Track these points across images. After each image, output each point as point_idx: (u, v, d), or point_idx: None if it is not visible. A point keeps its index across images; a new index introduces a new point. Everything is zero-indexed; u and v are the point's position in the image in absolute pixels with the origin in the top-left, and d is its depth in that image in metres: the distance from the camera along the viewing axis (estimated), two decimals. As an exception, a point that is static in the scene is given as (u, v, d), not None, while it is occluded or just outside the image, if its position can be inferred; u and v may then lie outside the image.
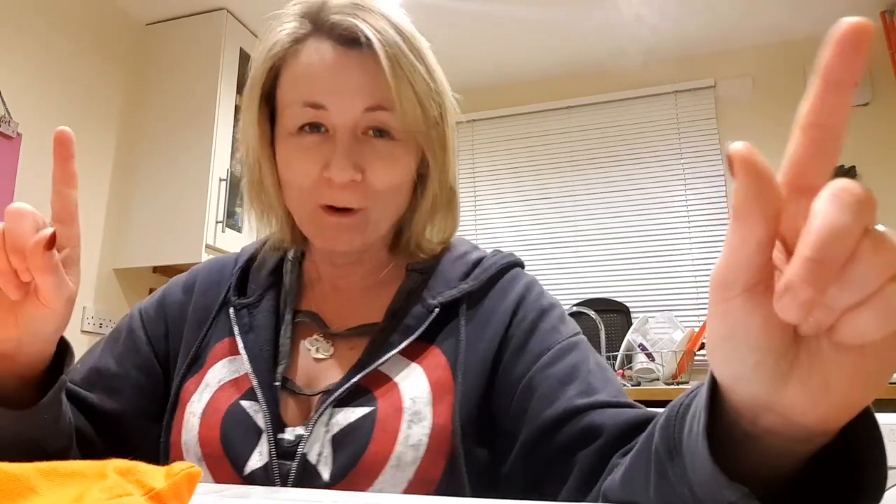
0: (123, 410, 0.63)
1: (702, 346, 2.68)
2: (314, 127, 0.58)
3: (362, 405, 0.56)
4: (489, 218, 3.30)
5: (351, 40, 0.57)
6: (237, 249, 0.74)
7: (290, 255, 0.70)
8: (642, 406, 0.54)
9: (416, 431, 0.54)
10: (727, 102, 3.04)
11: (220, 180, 2.63)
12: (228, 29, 2.76)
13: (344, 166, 0.56)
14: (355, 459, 0.53)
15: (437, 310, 0.60)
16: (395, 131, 0.58)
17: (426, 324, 0.59)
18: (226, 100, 2.72)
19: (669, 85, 3.11)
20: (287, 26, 0.60)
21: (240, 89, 2.80)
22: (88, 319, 2.52)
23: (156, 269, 2.75)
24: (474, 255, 0.67)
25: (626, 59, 3.12)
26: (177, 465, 0.35)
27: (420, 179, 0.64)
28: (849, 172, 2.79)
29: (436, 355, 0.59)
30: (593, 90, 3.22)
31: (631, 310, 2.93)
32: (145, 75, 2.81)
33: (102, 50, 2.66)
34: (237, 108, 2.78)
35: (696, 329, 2.67)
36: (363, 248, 0.64)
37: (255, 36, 2.93)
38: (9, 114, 2.23)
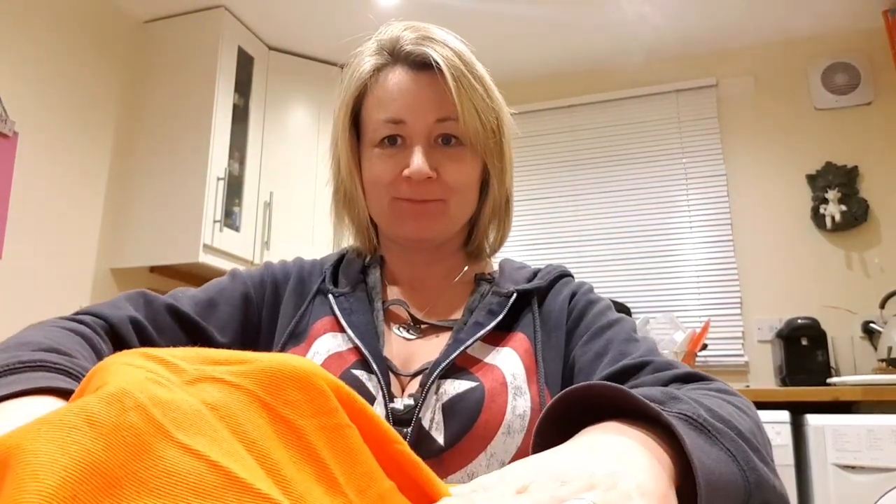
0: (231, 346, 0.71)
1: (703, 347, 2.67)
2: (392, 139, 0.70)
3: (465, 380, 0.63)
4: (489, 218, 3.28)
5: (422, 65, 0.69)
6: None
7: (368, 261, 0.80)
8: (673, 362, 0.59)
9: (521, 403, 0.62)
10: (729, 101, 3.02)
11: (218, 179, 2.60)
12: (227, 27, 2.73)
13: (421, 165, 0.67)
14: (469, 425, 0.60)
15: (514, 295, 0.70)
16: (461, 138, 0.70)
17: (506, 308, 0.68)
18: (223, 98, 2.69)
19: (671, 84, 3.09)
20: (369, 58, 0.72)
21: (237, 88, 2.78)
22: (85, 320, 2.50)
23: (153, 270, 2.72)
24: (533, 267, 0.79)
25: (628, 58, 3.11)
26: None
27: (483, 185, 0.76)
28: (851, 172, 2.77)
29: (521, 340, 0.68)
30: (595, 89, 3.20)
31: (632, 310, 2.91)
32: (143, 73, 2.79)
33: (99, 47, 2.64)
34: (235, 107, 2.76)
35: (698, 330, 2.65)
36: (440, 239, 0.73)
37: (254, 34, 2.91)
38: (5, 112, 2.21)
